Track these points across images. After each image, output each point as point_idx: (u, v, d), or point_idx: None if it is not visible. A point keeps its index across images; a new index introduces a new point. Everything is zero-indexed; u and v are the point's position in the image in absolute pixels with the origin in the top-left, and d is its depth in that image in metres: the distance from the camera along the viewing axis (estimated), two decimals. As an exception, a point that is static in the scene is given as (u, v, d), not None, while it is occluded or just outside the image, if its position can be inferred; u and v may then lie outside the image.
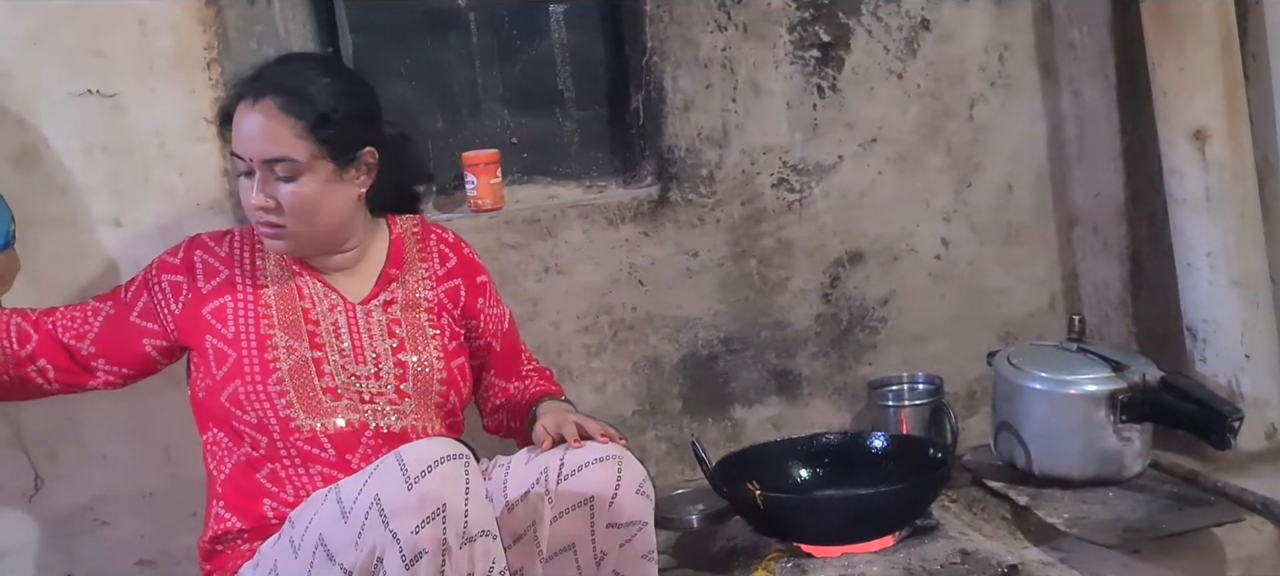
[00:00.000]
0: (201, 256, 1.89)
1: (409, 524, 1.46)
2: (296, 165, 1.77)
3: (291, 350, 1.80)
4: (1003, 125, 2.70)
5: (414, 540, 1.46)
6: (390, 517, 1.47)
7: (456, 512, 1.49)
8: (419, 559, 1.47)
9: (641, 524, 1.74)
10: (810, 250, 2.62)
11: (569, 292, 2.49)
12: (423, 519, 1.47)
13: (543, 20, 2.59)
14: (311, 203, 1.79)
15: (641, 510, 1.73)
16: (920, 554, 2.14)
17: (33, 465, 2.23)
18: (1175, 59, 2.34)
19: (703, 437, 2.42)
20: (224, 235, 1.93)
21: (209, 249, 1.90)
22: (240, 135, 1.78)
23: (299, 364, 1.79)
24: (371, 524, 1.48)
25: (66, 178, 2.16)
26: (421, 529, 1.46)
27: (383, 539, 1.47)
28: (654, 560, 1.80)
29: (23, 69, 2.12)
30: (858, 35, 2.57)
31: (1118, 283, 2.71)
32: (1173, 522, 2.17)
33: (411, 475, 1.49)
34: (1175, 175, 2.40)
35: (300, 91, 1.78)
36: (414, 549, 1.46)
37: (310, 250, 1.87)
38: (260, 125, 1.76)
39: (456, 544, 1.49)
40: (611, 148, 2.65)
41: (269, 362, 1.79)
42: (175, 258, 1.89)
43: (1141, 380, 2.26)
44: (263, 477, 1.78)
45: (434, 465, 1.50)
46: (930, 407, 2.55)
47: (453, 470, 1.51)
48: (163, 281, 1.87)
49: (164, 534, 2.29)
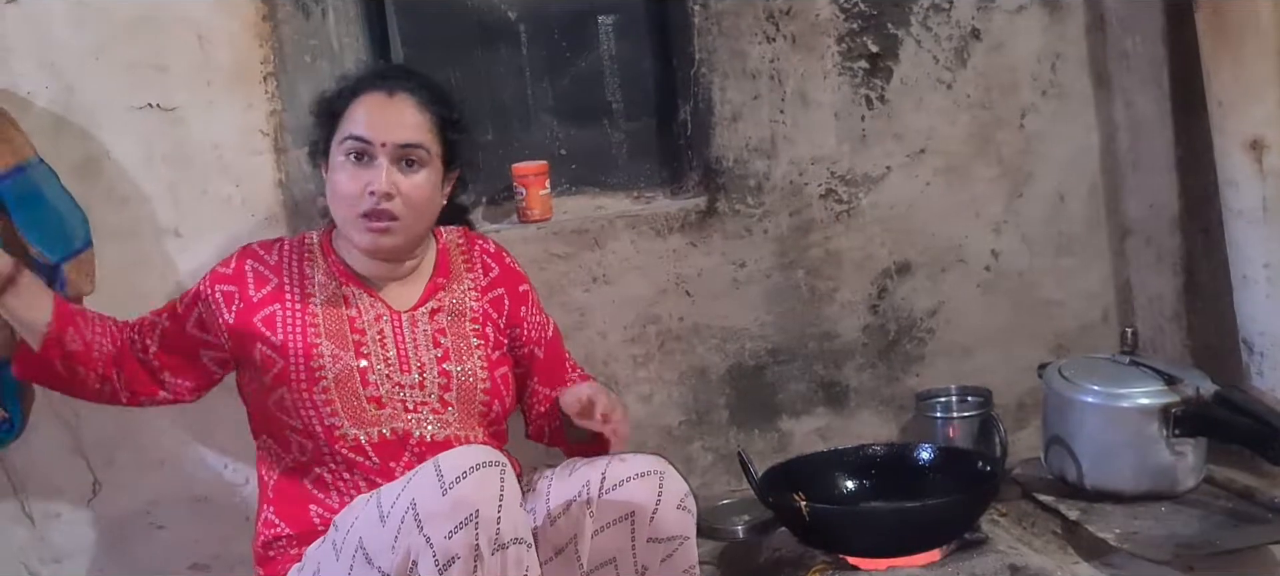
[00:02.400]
0: (252, 265, 1.89)
1: (442, 529, 1.49)
2: (427, 156, 1.82)
3: (337, 359, 1.81)
4: (1055, 135, 2.67)
5: (447, 545, 1.48)
6: (424, 522, 1.49)
7: (489, 519, 1.51)
8: (451, 564, 1.49)
9: (683, 538, 1.74)
10: (858, 261, 2.62)
11: (616, 303, 2.50)
12: (456, 524, 1.49)
13: (592, 32, 2.61)
14: (427, 198, 1.84)
15: (683, 525, 1.74)
16: (968, 568, 2.12)
17: (92, 470, 2.28)
18: (1231, 68, 2.31)
19: (749, 448, 2.42)
20: (274, 244, 1.94)
21: (259, 258, 1.90)
22: (372, 121, 1.79)
23: (344, 373, 1.81)
24: (407, 528, 1.50)
25: (128, 188, 2.22)
26: (454, 534, 1.48)
27: (417, 543, 1.50)
28: (696, 574, 1.80)
29: (86, 82, 2.18)
30: (907, 45, 2.57)
31: (1172, 295, 2.68)
32: (1227, 539, 2.13)
33: (446, 481, 1.51)
34: (1231, 186, 2.36)
35: (439, 90, 1.89)
36: (447, 554, 1.48)
37: (402, 252, 1.87)
38: (401, 112, 1.81)
39: (488, 550, 1.51)
40: (659, 159, 2.66)
41: (315, 371, 1.80)
42: (227, 268, 1.90)
43: (1195, 394, 2.23)
44: (309, 483, 1.81)
45: (468, 471, 1.52)
46: (979, 420, 2.53)
47: (487, 476, 1.53)
48: (216, 292, 1.88)
49: (218, 538, 2.34)
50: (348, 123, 1.81)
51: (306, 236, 1.95)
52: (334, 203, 1.84)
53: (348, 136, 1.79)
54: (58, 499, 2.29)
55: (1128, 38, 2.64)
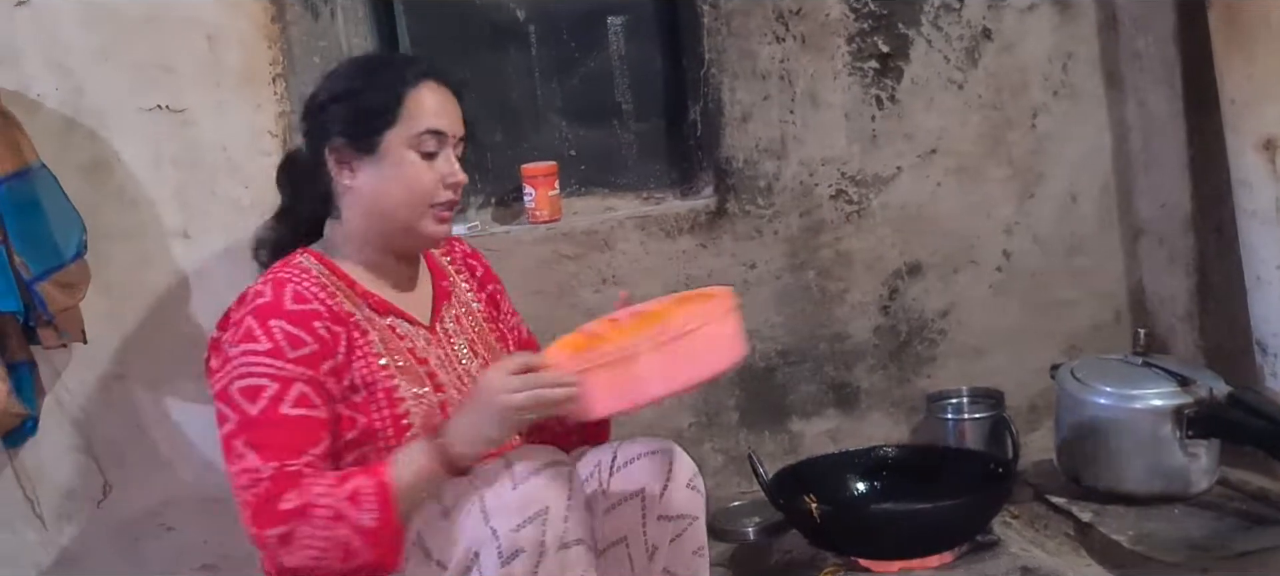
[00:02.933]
0: (319, 326, 1.61)
1: (509, 522, 1.48)
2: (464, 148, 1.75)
3: (419, 399, 1.66)
4: (1066, 135, 2.66)
5: (513, 538, 1.48)
6: (491, 515, 1.49)
7: (557, 517, 1.50)
8: (515, 557, 1.48)
9: (692, 518, 1.73)
10: (869, 262, 2.61)
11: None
12: (524, 519, 1.48)
13: (601, 33, 2.61)
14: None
15: (692, 504, 1.73)
16: (980, 570, 2.11)
17: (102, 471, 2.29)
18: (1244, 67, 2.29)
19: (759, 450, 2.41)
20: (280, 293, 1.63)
21: (308, 316, 1.62)
22: (441, 112, 1.69)
23: (428, 412, 1.66)
24: (472, 520, 1.50)
25: (136, 190, 2.22)
26: (522, 528, 1.48)
27: (482, 535, 1.49)
28: (705, 557, 1.79)
29: (95, 83, 2.18)
30: (917, 45, 2.56)
31: (1184, 296, 2.66)
32: (1241, 541, 2.12)
33: (517, 477, 1.51)
34: (1244, 186, 2.34)
35: (463, 84, 1.77)
36: (512, 547, 1.48)
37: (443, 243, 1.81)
38: (455, 104, 1.73)
39: (553, 548, 1.50)
40: (669, 159, 2.66)
41: (401, 418, 1.64)
42: (304, 348, 1.59)
43: (1209, 395, 2.22)
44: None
45: (540, 469, 1.52)
46: (991, 421, 2.52)
47: (557, 475, 1.53)
48: (321, 372, 1.60)
49: (228, 539, 2.32)
50: (417, 115, 1.66)
51: (303, 270, 1.67)
52: (397, 197, 1.67)
53: (426, 130, 1.66)
54: (69, 500, 2.29)
55: (1140, 37, 2.62)
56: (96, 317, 2.17)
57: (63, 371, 2.24)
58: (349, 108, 1.67)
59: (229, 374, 1.57)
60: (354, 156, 1.67)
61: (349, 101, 1.68)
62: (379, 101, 1.66)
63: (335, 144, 1.67)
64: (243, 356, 1.56)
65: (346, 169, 1.67)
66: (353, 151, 1.67)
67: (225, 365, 1.58)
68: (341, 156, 1.67)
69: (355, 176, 1.67)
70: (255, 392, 1.55)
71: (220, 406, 1.57)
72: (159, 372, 2.27)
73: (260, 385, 1.55)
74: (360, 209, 1.69)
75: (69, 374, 2.24)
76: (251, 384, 1.55)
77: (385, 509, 1.49)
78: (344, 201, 1.70)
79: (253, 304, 1.60)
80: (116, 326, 2.23)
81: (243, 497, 1.53)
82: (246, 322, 1.59)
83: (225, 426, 1.56)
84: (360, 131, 1.66)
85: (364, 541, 1.49)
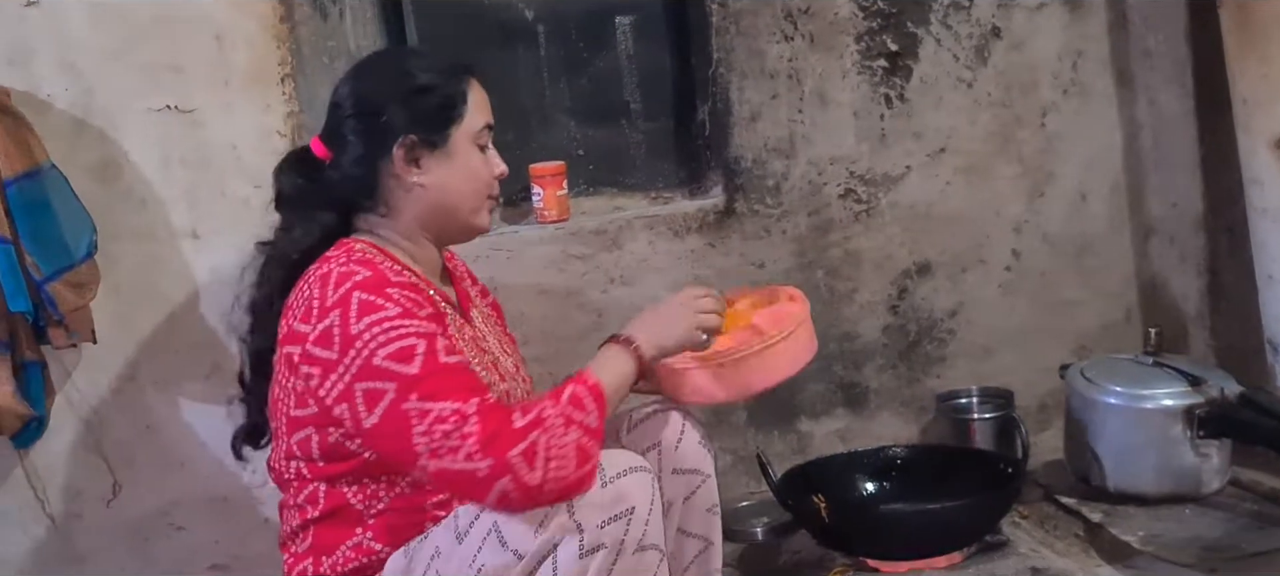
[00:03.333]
0: (422, 297, 1.62)
1: (596, 518, 1.49)
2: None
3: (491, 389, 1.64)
4: (1076, 134, 2.65)
5: (598, 533, 1.49)
6: (577, 508, 1.50)
7: (641, 518, 1.52)
8: (596, 552, 1.50)
9: (705, 475, 1.80)
10: (878, 261, 2.60)
11: (634, 304, 2.48)
12: (611, 516, 1.50)
13: (609, 32, 2.60)
14: None
15: (703, 461, 1.80)
16: (989, 570, 2.11)
17: (112, 471, 2.29)
18: (1257, 66, 2.28)
19: (768, 450, 2.41)
20: (399, 272, 1.64)
21: (412, 287, 1.61)
22: (488, 106, 1.73)
23: (499, 398, 1.64)
24: (556, 512, 1.50)
25: (146, 190, 2.23)
26: (607, 525, 1.50)
27: (566, 526, 1.49)
28: (717, 515, 1.84)
29: (104, 84, 2.19)
30: (926, 44, 2.55)
31: (1196, 295, 2.65)
32: (1253, 542, 2.11)
33: (608, 475, 1.52)
34: (1255, 185, 2.33)
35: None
36: (595, 541, 1.49)
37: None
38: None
39: (631, 548, 1.52)
40: (677, 159, 2.66)
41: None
42: (425, 309, 1.59)
43: (1220, 395, 2.21)
44: (432, 505, 1.65)
45: (630, 470, 1.53)
46: (1000, 421, 2.51)
47: (646, 479, 1.55)
48: (449, 335, 1.63)
49: (237, 539, 2.34)
50: (476, 111, 1.70)
51: (369, 255, 1.63)
52: (463, 190, 1.70)
53: (485, 125, 1.71)
54: (78, 499, 2.30)
55: (1150, 35, 2.61)
56: (106, 318, 2.18)
57: (73, 371, 2.25)
58: (421, 104, 1.67)
59: (367, 348, 1.51)
60: (425, 152, 1.67)
61: (420, 98, 1.67)
62: (447, 97, 1.68)
63: (407, 140, 1.65)
64: (374, 327, 1.51)
65: (414, 166, 1.67)
66: (426, 147, 1.66)
67: (354, 343, 1.51)
68: (412, 153, 1.66)
69: (423, 172, 1.67)
70: (407, 354, 1.50)
71: (368, 385, 1.51)
72: (169, 372, 2.28)
73: (409, 345, 1.51)
74: (424, 204, 1.68)
75: (79, 374, 2.25)
76: (399, 347, 1.50)
77: (602, 409, 1.54)
78: (403, 197, 1.68)
79: (352, 282, 1.55)
80: (126, 326, 2.24)
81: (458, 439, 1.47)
82: (357, 298, 1.53)
83: (384, 399, 1.50)
84: (435, 126, 1.67)
85: (593, 440, 1.52)
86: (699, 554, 1.85)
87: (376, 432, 1.52)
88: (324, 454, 1.61)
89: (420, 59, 1.73)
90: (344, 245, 1.65)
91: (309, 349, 1.54)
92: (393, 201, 1.68)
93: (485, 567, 1.53)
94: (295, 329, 1.57)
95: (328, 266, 1.59)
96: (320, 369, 1.54)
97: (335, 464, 1.61)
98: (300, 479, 1.65)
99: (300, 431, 1.61)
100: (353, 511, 1.63)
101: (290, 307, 1.61)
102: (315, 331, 1.54)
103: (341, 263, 1.59)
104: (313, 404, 1.57)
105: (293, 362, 1.57)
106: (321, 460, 1.62)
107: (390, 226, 1.69)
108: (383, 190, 1.68)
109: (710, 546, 1.85)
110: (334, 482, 1.63)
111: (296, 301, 1.59)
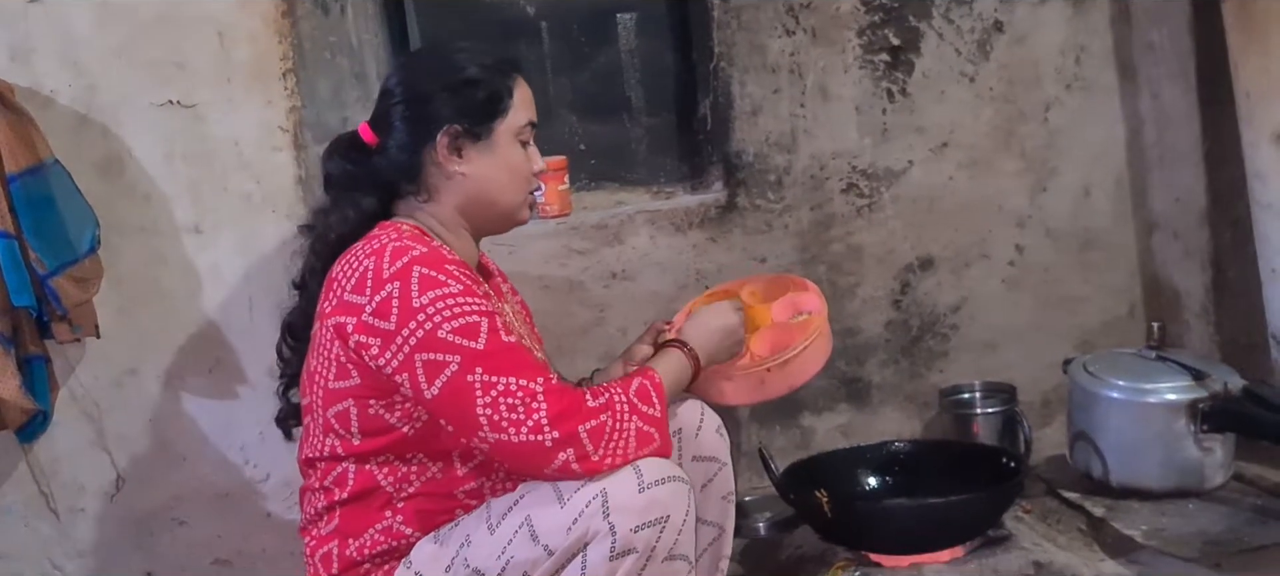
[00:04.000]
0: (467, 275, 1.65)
1: (630, 522, 1.52)
2: None
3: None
4: (1079, 128, 2.65)
5: (630, 537, 1.52)
6: (612, 511, 1.52)
7: (674, 527, 1.55)
8: (626, 555, 1.52)
9: (722, 463, 1.87)
10: (880, 256, 2.60)
11: (636, 299, 2.49)
12: (645, 521, 1.52)
13: (611, 28, 2.60)
14: None
15: (721, 449, 1.87)
16: (992, 565, 2.10)
17: (114, 465, 2.30)
18: (1259, 59, 2.27)
19: (770, 445, 2.41)
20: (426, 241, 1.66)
21: (466, 266, 1.67)
22: (532, 104, 1.77)
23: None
24: (591, 512, 1.52)
25: (149, 186, 2.23)
26: (641, 530, 1.52)
27: (599, 528, 1.52)
28: (732, 502, 1.90)
29: (108, 80, 2.19)
30: (928, 38, 2.55)
31: (1199, 289, 2.64)
32: (1256, 536, 2.11)
33: (645, 481, 1.54)
34: (1259, 179, 2.33)
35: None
36: (626, 545, 1.52)
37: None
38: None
39: (661, 556, 1.55)
40: (679, 153, 2.65)
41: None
42: (482, 287, 1.68)
43: (1224, 389, 2.20)
44: (461, 493, 1.67)
45: (667, 479, 1.56)
46: (1003, 416, 2.51)
47: (681, 489, 1.58)
48: (505, 312, 1.75)
49: (240, 534, 2.35)
50: (520, 108, 1.74)
51: (424, 238, 1.67)
52: (506, 183, 1.74)
53: (529, 122, 1.75)
54: (81, 494, 2.30)
55: (1153, 29, 2.61)
56: (109, 312, 2.18)
57: (76, 366, 2.25)
58: (466, 96, 1.70)
59: (431, 321, 1.54)
60: (468, 143, 1.70)
61: (467, 90, 1.70)
62: (494, 92, 1.71)
63: (452, 129, 1.69)
64: (438, 302, 1.55)
65: (456, 155, 1.70)
66: (469, 138, 1.70)
67: (416, 315, 1.54)
68: (455, 142, 1.70)
69: (464, 162, 1.70)
70: (472, 330, 1.55)
71: (430, 356, 1.53)
72: (172, 366, 2.28)
73: (473, 321, 1.55)
74: (464, 193, 1.72)
75: (82, 368, 2.26)
76: (464, 323, 1.54)
77: (663, 401, 1.64)
78: (444, 185, 1.71)
79: (410, 256, 1.58)
80: (129, 321, 2.24)
81: (524, 413, 1.53)
82: (418, 272, 1.56)
83: (446, 371, 1.53)
84: (479, 118, 1.70)
85: (653, 427, 1.60)
86: (713, 541, 1.89)
87: (437, 403, 1.56)
88: (362, 428, 1.63)
89: (470, 53, 1.75)
90: (389, 226, 1.68)
91: (366, 320, 1.57)
92: (434, 188, 1.72)
93: (514, 560, 1.56)
94: (348, 300, 1.59)
95: (380, 242, 1.62)
96: (380, 339, 1.56)
97: (372, 439, 1.63)
98: (332, 458, 1.66)
99: (338, 404, 1.63)
100: (382, 493, 1.65)
101: (336, 280, 1.63)
102: (373, 303, 1.56)
103: (394, 238, 1.62)
104: (356, 375, 1.60)
105: (344, 333, 1.59)
106: (359, 436, 1.64)
107: (431, 213, 1.73)
108: (425, 176, 1.71)
109: (723, 533, 1.90)
110: (365, 461, 1.65)
111: (345, 274, 1.61)
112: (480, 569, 1.57)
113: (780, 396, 2.00)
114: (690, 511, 1.59)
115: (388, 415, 1.62)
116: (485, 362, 1.54)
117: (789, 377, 1.95)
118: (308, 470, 1.72)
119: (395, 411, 1.62)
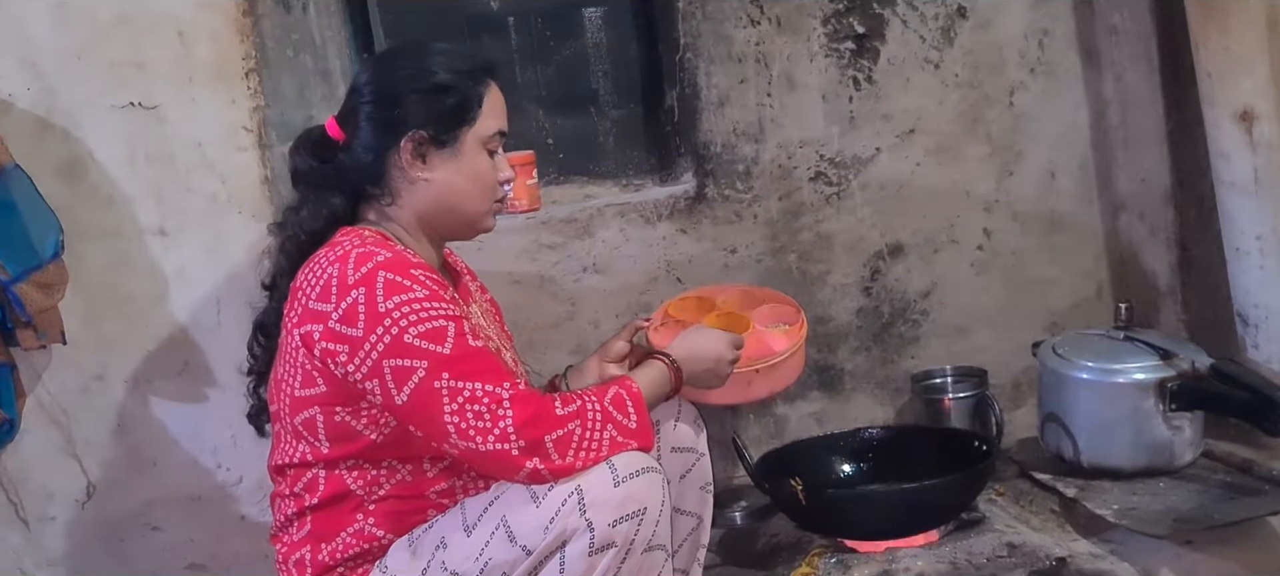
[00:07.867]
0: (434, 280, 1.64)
1: (607, 517, 1.52)
2: None
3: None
4: (1044, 112, 2.66)
5: (608, 532, 1.52)
6: (589, 507, 1.52)
7: (652, 519, 1.55)
8: (605, 550, 1.52)
9: (699, 454, 1.90)
10: (850, 244, 2.61)
11: (607, 292, 2.49)
12: (622, 515, 1.52)
13: (577, 21, 2.60)
14: None
15: (698, 440, 1.91)
16: (966, 547, 2.11)
17: (84, 472, 2.27)
18: (1219, 40, 2.29)
19: (744, 434, 2.42)
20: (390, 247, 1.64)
21: (432, 270, 1.65)
22: (504, 112, 1.75)
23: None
24: (567, 510, 1.52)
25: (111, 188, 2.21)
26: (618, 524, 1.52)
27: (576, 525, 1.52)
28: (711, 492, 1.94)
29: (68, 83, 2.17)
30: (893, 26, 2.55)
31: (1166, 269, 2.66)
32: (1226, 512, 2.12)
33: (619, 475, 1.54)
34: (1222, 158, 2.35)
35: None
36: (605, 540, 1.52)
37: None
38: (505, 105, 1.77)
39: (640, 548, 1.55)
40: (647, 146, 2.65)
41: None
42: (448, 291, 1.66)
43: (1191, 368, 2.22)
44: (434, 493, 1.66)
45: (642, 471, 1.56)
46: (974, 400, 2.53)
47: (656, 480, 1.57)
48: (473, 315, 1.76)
49: (213, 538, 2.33)
50: (490, 116, 1.71)
51: (387, 242, 1.65)
52: (470, 192, 1.71)
53: (498, 131, 1.73)
54: (51, 502, 2.28)
55: (1115, 12, 2.62)
56: (75, 318, 2.16)
57: (43, 373, 2.23)
58: (435, 102, 1.67)
59: (397, 326, 1.53)
60: (433, 149, 1.68)
61: (436, 96, 1.68)
62: (463, 99, 1.69)
63: (416, 135, 1.66)
64: (404, 306, 1.53)
65: (420, 161, 1.68)
66: (434, 145, 1.68)
67: (382, 321, 1.53)
68: (420, 148, 1.67)
69: (428, 169, 1.68)
70: (438, 334, 1.54)
71: (397, 362, 1.52)
72: (140, 371, 2.26)
73: (440, 326, 1.54)
74: (427, 199, 1.70)
75: (49, 375, 2.23)
76: (431, 327, 1.54)
77: (641, 412, 1.62)
78: (408, 189, 1.69)
79: (375, 262, 1.56)
80: (96, 326, 2.22)
81: (490, 421, 1.52)
82: (383, 277, 1.55)
83: (415, 376, 1.52)
84: (445, 126, 1.68)
85: (627, 437, 1.59)
86: (691, 531, 1.91)
87: (407, 410, 1.54)
88: (329, 435, 1.62)
89: (443, 56, 1.72)
90: (352, 232, 1.66)
91: (333, 326, 1.55)
92: (397, 192, 1.70)
93: (492, 561, 1.55)
94: (313, 309, 1.57)
95: (343, 248, 1.60)
96: (348, 346, 1.55)
97: (340, 445, 1.62)
98: (302, 465, 1.65)
99: (305, 411, 1.62)
100: (353, 498, 1.64)
101: (300, 289, 1.61)
102: (340, 310, 1.55)
103: (357, 244, 1.60)
104: (322, 383, 1.59)
105: (310, 342, 1.57)
106: (326, 442, 1.62)
107: (395, 217, 1.71)
108: (389, 179, 1.69)
109: (701, 522, 1.93)
110: (335, 467, 1.64)
111: (309, 282, 1.60)
112: (458, 572, 1.57)
113: (761, 399, 2.07)
114: (666, 501, 1.59)
115: (354, 421, 1.61)
116: (452, 367, 1.53)
117: (773, 382, 2.02)
118: (278, 476, 1.70)
119: (361, 418, 1.61)
